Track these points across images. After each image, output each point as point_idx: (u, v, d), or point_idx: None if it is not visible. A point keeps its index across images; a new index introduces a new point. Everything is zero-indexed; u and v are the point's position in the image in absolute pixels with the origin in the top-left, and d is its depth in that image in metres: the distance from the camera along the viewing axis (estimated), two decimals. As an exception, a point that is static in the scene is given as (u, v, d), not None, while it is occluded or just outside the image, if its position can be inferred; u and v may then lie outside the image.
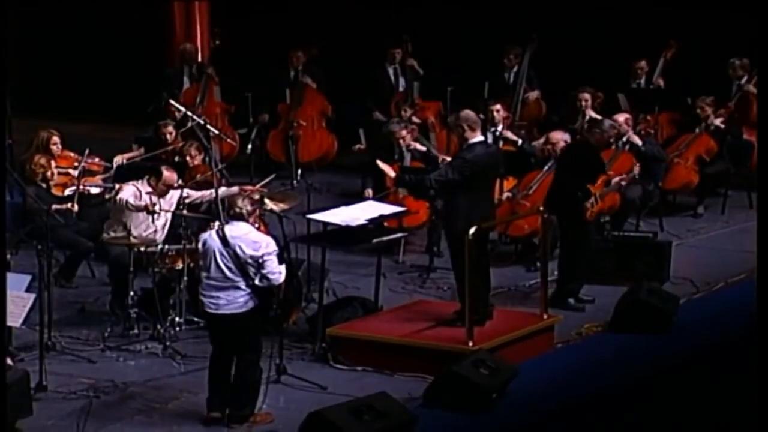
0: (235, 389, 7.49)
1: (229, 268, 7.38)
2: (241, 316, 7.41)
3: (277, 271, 7.43)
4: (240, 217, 7.47)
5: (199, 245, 7.61)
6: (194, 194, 9.62)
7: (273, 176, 10.17)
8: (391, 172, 9.14)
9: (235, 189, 9.59)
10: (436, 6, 14.66)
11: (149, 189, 9.53)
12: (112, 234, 9.39)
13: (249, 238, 7.42)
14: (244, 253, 7.36)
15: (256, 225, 7.74)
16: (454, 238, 8.60)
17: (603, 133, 9.80)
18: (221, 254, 7.39)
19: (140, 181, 9.61)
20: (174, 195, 9.58)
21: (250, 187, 9.48)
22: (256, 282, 7.39)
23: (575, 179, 9.60)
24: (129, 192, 9.40)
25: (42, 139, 10.69)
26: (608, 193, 10.04)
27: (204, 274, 7.50)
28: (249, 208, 7.52)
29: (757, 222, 6.45)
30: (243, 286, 7.39)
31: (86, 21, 16.42)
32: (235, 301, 7.40)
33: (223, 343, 7.54)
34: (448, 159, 9.54)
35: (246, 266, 7.37)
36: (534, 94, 13.08)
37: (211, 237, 7.49)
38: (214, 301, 7.44)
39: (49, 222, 8.88)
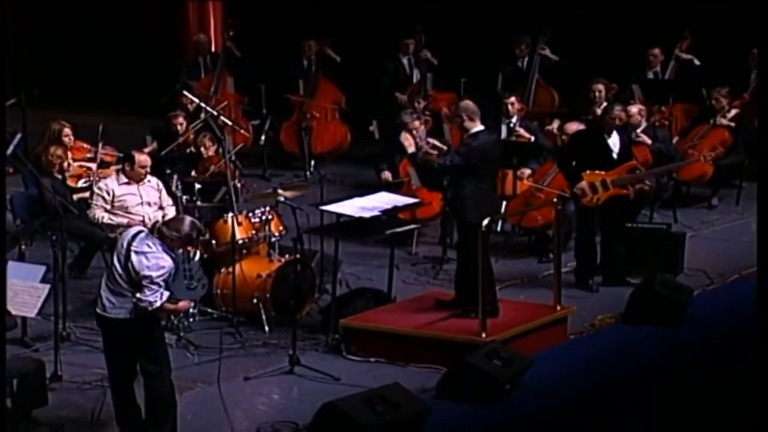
0: (150, 408, 7.05)
1: (120, 275, 6.96)
2: (128, 321, 6.95)
3: (147, 301, 6.88)
4: (161, 235, 6.99)
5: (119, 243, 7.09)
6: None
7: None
8: (411, 147, 9.05)
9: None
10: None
11: (124, 180, 9.57)
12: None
13: (145, 255, 6.91)
14: (133, 265, 6.91)
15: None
16: (464, 226, 8.64)
17: (612, 118, 9.88)
18: (119, 259, 6.98)
19: (111, 177, 9.66)
20: (154, 184, 9.63)
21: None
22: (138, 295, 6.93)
23: (575, 166, 9.79)
24: (100, 208, 9.48)
25: (54, 131, 10.70)
26: (624, 184, 9.92)
27: (108, 274, 7.06)
28: (176, 235, 6.98)
29: (758, 221, 6.44)
30: (129, 295, 6.96)
31: (99, 12, 16.45)
32: (122, 306, 6.96)
33: (116, 355, 7.09)
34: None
35: (133, 279, 6.93)
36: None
37: (122, 237, 7.06)
38: (103, 302, 7.01)
39: (64, 213, 8.91)
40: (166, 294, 7.00)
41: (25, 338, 8.53)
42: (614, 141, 9.90)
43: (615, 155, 9.88)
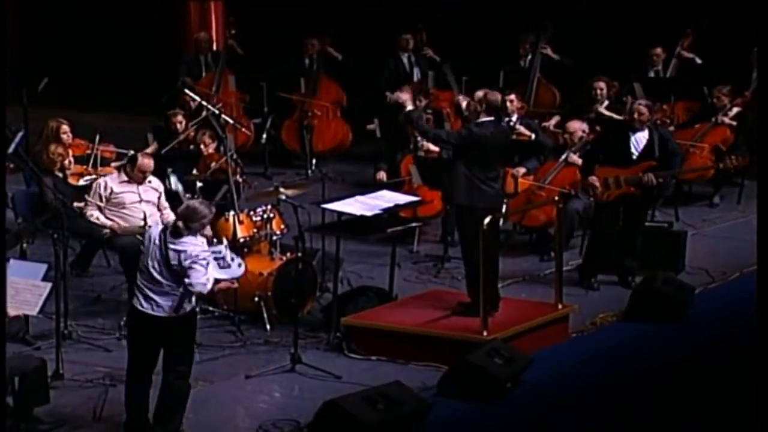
0: (165, 402, 7.15)
1: (160, 274, 6.98)
2: (186, 318, 7.05)
3: (199, 283, 6.93)
4: (188, 230, 7.02)
5: (146, 241, 7.11)
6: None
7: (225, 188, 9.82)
8: (409, 104, 8.76)
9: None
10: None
11: (125, 178, 9.61)
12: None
13: (180, 243, 6.98)
14: (172, 259, 6.96)
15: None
16: (456, 211, 8.62)
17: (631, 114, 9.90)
18: (156, 260, 6.99)
19: (111, 175, 9.69)
20: (155, 185, 9.63)
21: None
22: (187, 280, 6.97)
23: (589, 160, 9.92)
24: (93, 206, 9.52)
25: (52, 129, 10.69)
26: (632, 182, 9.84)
27: (142, 274, 7.06)
28: (204, 222, 7.03)
29: (758, 220, 6.44)
30: (176, 292, 7.00)
31: (101, 9, 16.45)
32: (166, 304, 7.00)
33: (152, 353, 7.13)
34: None
35: (177, 271, 6.96)
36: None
37: (148, 238, 7.07)
38: (154, 304, 7.00)
39: (65, 212, 8.91)
40: (213, 277, 7.05)
41: (27, 336, 8.54)
42: (639, 138, 9.83)
43: (635, 153, 9.81)
